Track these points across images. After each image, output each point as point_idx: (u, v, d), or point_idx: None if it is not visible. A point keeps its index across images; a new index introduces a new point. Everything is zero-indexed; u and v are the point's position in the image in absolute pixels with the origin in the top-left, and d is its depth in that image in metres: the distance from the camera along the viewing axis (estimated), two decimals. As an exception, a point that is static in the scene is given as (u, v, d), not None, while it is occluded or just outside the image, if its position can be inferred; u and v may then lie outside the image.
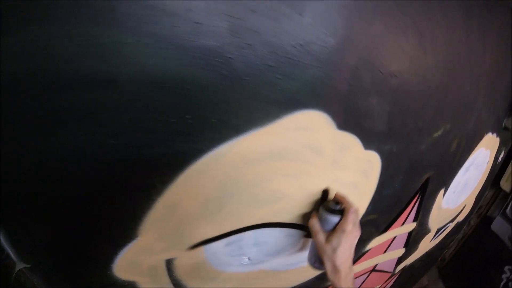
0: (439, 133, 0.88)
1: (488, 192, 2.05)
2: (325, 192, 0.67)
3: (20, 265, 0.59)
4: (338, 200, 0.64)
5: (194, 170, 0.50)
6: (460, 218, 1.69)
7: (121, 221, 0.53)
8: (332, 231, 0.63)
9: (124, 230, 0.54)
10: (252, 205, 0.60)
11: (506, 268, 2.01)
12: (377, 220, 0.91)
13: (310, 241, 0.76)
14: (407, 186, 0.90)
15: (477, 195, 1.69)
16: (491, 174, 1.68)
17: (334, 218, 0.63)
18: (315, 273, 0.96)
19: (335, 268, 0.61)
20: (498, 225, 2.07)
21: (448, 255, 2.52)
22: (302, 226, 0.71)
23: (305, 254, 0.82)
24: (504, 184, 1.98)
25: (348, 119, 0.58)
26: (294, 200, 0.64)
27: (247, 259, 0.73)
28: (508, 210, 1.97)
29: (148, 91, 0.41)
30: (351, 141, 0.61)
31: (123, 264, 0.60)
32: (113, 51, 0.37)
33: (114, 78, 0.39)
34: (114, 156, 0.45)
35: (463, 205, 1.57)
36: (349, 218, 0.61)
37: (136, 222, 0.53)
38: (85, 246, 0.57)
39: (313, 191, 0.66)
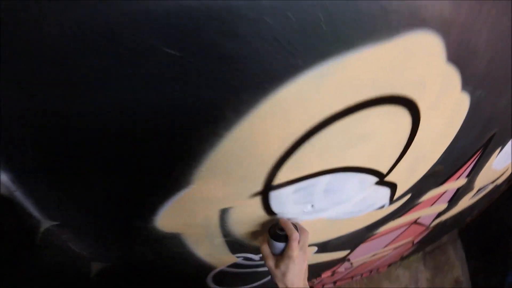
0: (520, 85, 0.83)
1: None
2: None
3: (46, 223, 0.53)
4: (281, 226, 0.65)
5: (284, 95, 0.39)
6: (499, 181, 1.67)
7: (173, 165, 0.45)
8: (280, 256, 0.65)
9: (175, 176, 0.46)
10: (338, 144, 0.55)
11: (527, 241, 2.02)
12: (441, 172, 0.90)
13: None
14: (477, 140, 0.87)
15: (523, 160, 1.65)
16: (540, 140, 1.62)
17: (280, 245, 0.65)
18: (371, 221, 0.97)
19: None
20: (525, 197, 2.05)
21: (473, 215, 2.54)
22: (379, 173, 0.70)
23: (370, 201, 0.82)
24: (542, 153, 1.93)
25: (459, 52, 0.52)
26: (383, 140, 0.60)
27: (310, 207, 0.71)
28: (537, 183, 1.93)
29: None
30: (454, 78, 0.56)
31: (170, 215, 0.55)
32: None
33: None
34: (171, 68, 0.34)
35: (507, 168, 1.54)
36: (293, 245, 0.62)
37: (192, 166, 0.44)
38: (124, 198, 0.51)
39: (402, 136, 0.63)
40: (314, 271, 1.42)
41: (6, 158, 0.42)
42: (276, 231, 0.66)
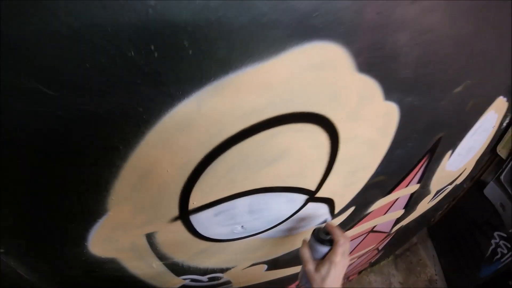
0: (459, 88, 0.79)
1: (484, 156, 2.03)
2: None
3: (-6, 251, 0.52)
4: (327, 231, 0.65)
5: (167, 125, 0.39)
6: (458, 181, 1.66)
7: (85, 196, 0.45)
8: (321, 260, 0.64)
9: (90, 205, 0.46)
10: (247, 166, 0.51)
11: (496, 234, 2.04)
12: (384, 182, 0.85)
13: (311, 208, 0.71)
14: (420, 146, 0.82)
15: (478, 159, 1.65)
16: (493, 139, 1.63)
17: (324, 249, 0.64)
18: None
19: None
20: (491, 190, 2.09)
21: (438, 215, 2.56)
22: (306, 190, 0.64)
23: (307, 219, 0.77)
24: (501, 150, 1.96)
25: (372, 59, 0.47)
26: (300, 159, 0.55)
27: (240, 228, 0.67)
28: (502, 176, 1.96)
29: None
30: (372, 88, 0.51)
31: (99, 241, 0.55)
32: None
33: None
34: (65, 115, 0.33)
35: (464, 168, 1.54)
36: (338, 250, 0.62)
37: (102, 195, 0.45)
38: (52, 225, 0.50)
39: (322, 151, 0.57)
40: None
41: None
42: (319, 235, 0.65)
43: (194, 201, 0.53)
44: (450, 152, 1.12)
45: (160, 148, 0.41)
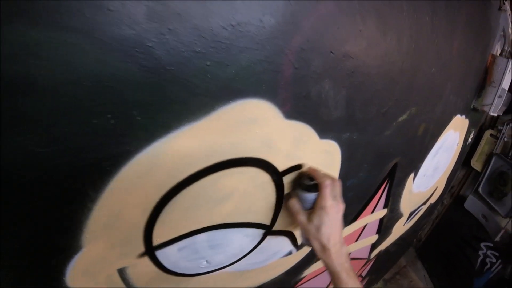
0: (404, 117, 0.85)
1: (459, 172, 2.08)
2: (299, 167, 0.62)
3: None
4: (311, 175, 0.59)
5: (127, 173, 0.46)
6: (433, 199, 1.71)
7: (62, 233, 0.49)
8: (312, 209, 0.59)
9: (65, 242, 0.50)
10: (199, 205, 0.56)
11: (482, 244, 2.06)
12: (344, 211, 0.88)
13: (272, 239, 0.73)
14: (373, 174, 0.87)
15: (449, 176, 1.71)
16: (461, 155, 1.69)
17: (311, 195, 0.59)
18: (284, 268, 0.93)
19: (323, 247, 0.58)
20: (471, 204, 2.13)
21: (423, 235, 2.57)
22: (260, 225, 0.67)
23: (270, 251, 0.79)
24: (475, 164, 2.03)
25: (297, 107, 0.53)
26: (247, 197, 0.59)
27: (205, 262, 0.69)
28: (480, 188, 2.01)
29: (65, 91, 0.36)
30: (304, 131, 0.56)
31: (77, 276, 0.56)
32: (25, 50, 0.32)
33: (32, 81, 0.34)
34: (39, 164, 0.40)
35: (435, 187, 1.58)
36: (325, 193, 0.57)
37: (76, 233, 0.49)
38: (28, 261, 0.52)
39: (268, 189, 0.61)
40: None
41: None
42: (304, 182, 0.59)
43: (158, 238, 0.57)
44: (412, 174, 1.16)
45: (123, 192, 0.47)
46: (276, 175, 0.59)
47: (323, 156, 0.64)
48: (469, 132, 1.59)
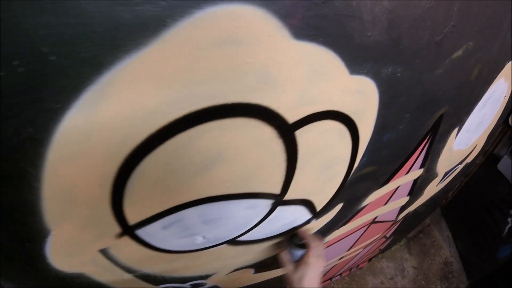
0: (459, 53, 0.65)
1: (495, 129, 1.88)
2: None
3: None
4: (301, 237, 0.72)
5: (62, 140, 0.34)
6: (470, 159, 1.51)
7: (22, 218, 0.43)
8: (298, 262, 0.71)
9: (32, 226, 0.44)
10: (173, 175, 0.42)
11: (512, 211, 1.90)
12: (376, 172, 0.72)
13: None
14: (415, 126, 0.68)
15: (489, 133, 1.49)
16: (505, 110, 1.47)
17: (298, 252, 0.71)
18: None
19: None
20: (505, 165, 1.96)
21: (451, 194, 2.41)
22: (268, 194, 0.52)
23: (285, 220, 0.67)
24: (514, 122, 1.81)
25: (313, 20, 0.33)
26: (244, 161, 0.44)
27: (201, 238, 0.58)
28: (517, 150, 1.81)
29: None
30: (326, 60, 0.37)
31: (59, 257, 0.52)
32: None
33: None
34: None
35: (474, 145, 1.38)
36: (311, 253, 0.69)
37: (36, 216, 0.42)
38: (12, 244, 0.48)
39: (273, 149, 0.45)
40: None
41: None
42: (294, 241, 0.72)
43: (132, 216, 0.48)
44: (456, 129, 0.97)
45: (67, 165, 0.37)
46: (285, 128, 0.42)
47: (354, 99, 0.46)
48: (516, 85, 1.35)
